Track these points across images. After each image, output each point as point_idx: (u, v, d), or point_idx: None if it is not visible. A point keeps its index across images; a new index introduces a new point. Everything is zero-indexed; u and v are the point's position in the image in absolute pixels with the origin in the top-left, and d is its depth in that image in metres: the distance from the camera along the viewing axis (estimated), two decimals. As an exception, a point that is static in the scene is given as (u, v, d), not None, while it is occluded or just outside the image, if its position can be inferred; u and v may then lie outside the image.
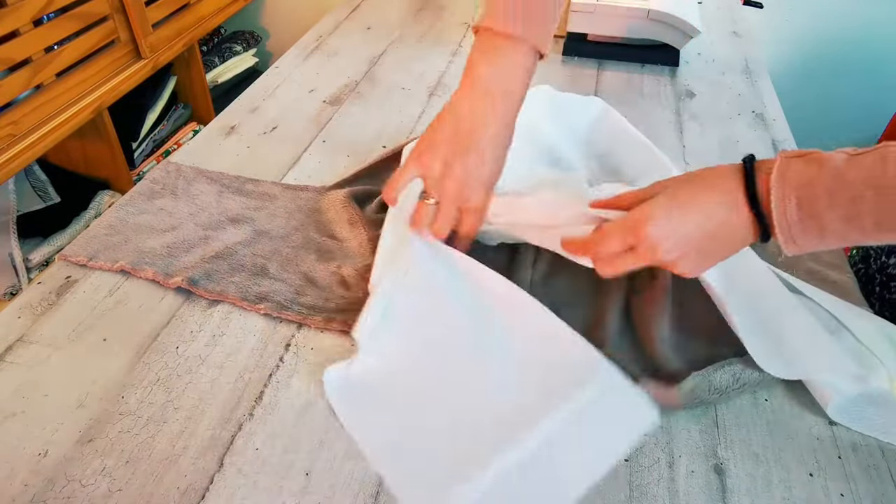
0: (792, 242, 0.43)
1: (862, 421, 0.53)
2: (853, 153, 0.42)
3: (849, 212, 0.40)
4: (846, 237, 0.41)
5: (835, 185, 0.40)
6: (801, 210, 0.42)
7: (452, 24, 1.23)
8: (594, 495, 0.48)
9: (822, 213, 0.41)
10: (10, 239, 1.21)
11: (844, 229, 0.41)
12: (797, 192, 0.42)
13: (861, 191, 0.40)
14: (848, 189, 0.40)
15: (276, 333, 0.60)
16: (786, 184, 0.42)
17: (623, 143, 0.77)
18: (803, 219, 0.42)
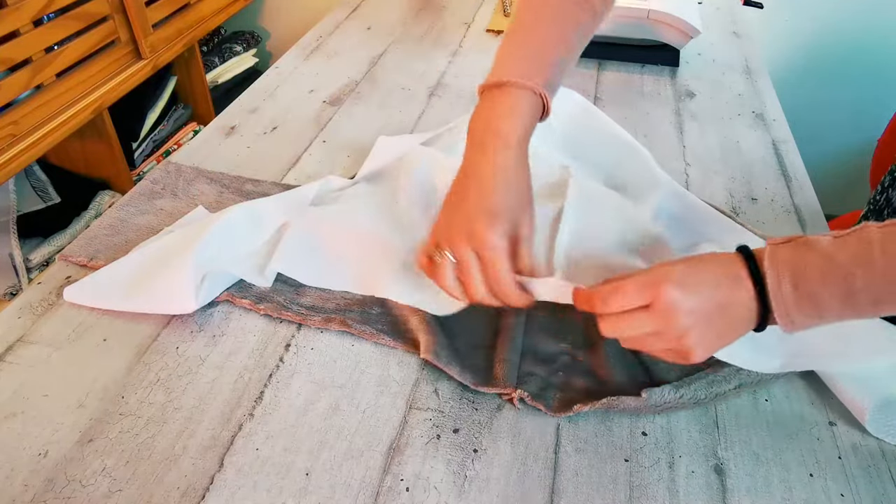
0: (789, 322, 0.44)
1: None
2: (836, 235, 0.44)
3: (843, 290, 0.42)
4: (842, 314, 0.43)
5: (826, 266, 0.42)
6: (796, 290, 0.43)
7: (452, 24, 1.23)
8: (594, 495, 0.48)
9: (817, 291, 0.42)
10: (11, 239, 1.21)
11: (840, 307, 0.42)
12: (791, 274, 0.43)
13: (852, 270, 0.41)
14: (839, 269, 0.42)
15: (276, 333, 0.60)
16: (778, 266, 0.43)
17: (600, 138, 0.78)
18: (799, 298, 0.43)
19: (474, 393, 0.55)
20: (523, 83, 0.54)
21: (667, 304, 0.44)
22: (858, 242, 0.42)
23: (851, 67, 1.67)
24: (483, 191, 0.53)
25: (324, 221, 0.67)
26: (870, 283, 0.41)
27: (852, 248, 0.42)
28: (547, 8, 0.59)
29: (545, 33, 0.57)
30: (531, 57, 0.56)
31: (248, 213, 0.66)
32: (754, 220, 0.76)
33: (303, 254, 0.64)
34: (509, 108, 0.55)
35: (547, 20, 0.58)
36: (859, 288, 0.41)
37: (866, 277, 0.41)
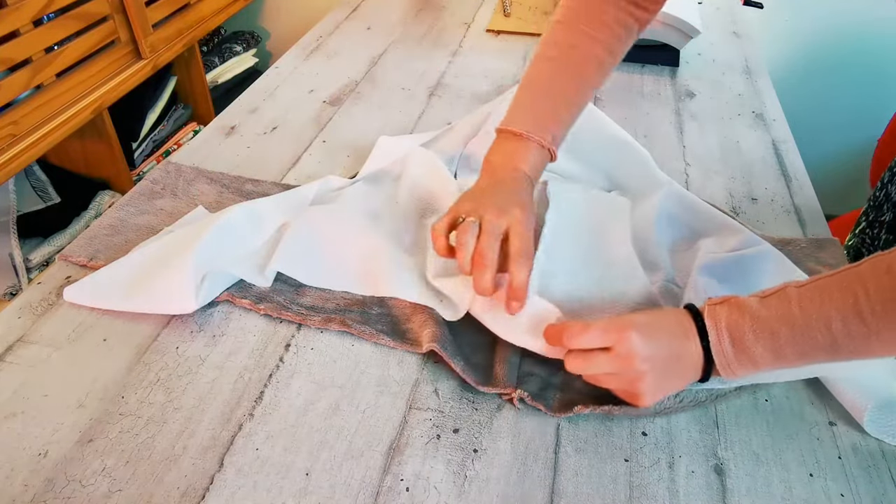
0: (731, 373, 0.49)
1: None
2: (762, 296, 0.48)
3: (772, 345, 0.46)
4: (775, 365, 0.47)
5: (755, 325, 0.47)
6: (734, 346, 0.48)
7: (452, 24, 1.24)
8: (594, 495, 0.48)
9: (751, 347, 0.47)
10: (10, 239, 1.21)
11: (772, 359, 0.47)
12: (728, 332, 0.48)
13: (777, 327, 0.46)
14: (765, 326, 0.47)
15: (276, 333, 0.60)
16: (718, 326, 0.48)
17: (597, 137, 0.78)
18: (737, 353, 0.48)
19: (474, 393, 0.55)
20: (537, 138, 0.62)
21: (627, 348, 0.48)
22: (779, 302, 0.47)
23: (851, 67, 1.67)
24: (512, 192, 0.59)
25: (323, 221, 0.67)
26: (792, 338, 0.46)
27: (774, 308, 0.47)
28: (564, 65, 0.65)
29: (562, 91, 0.64)
30: (546, 114, 0.64)
31: (248, 213, 0.66)
32: (754, 220, 0.76)
33: (303, 253, 0.64)
34: (523, 153, 0.62)
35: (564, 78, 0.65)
36: (784, 342, 0.46)
37: (789, 333, 0.46)
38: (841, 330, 0.44)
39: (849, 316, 0.44)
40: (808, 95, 1.71)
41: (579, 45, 0.64)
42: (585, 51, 0.64)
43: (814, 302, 0.45)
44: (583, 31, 0.64)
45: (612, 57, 0.66)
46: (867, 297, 0.43)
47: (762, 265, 0.63)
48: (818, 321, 0.45)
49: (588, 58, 0.64)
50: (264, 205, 0.68)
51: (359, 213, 0.69)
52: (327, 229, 0.67)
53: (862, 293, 0.44)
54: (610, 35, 0.65)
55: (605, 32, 0.65)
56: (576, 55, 0.64)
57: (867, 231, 0.78)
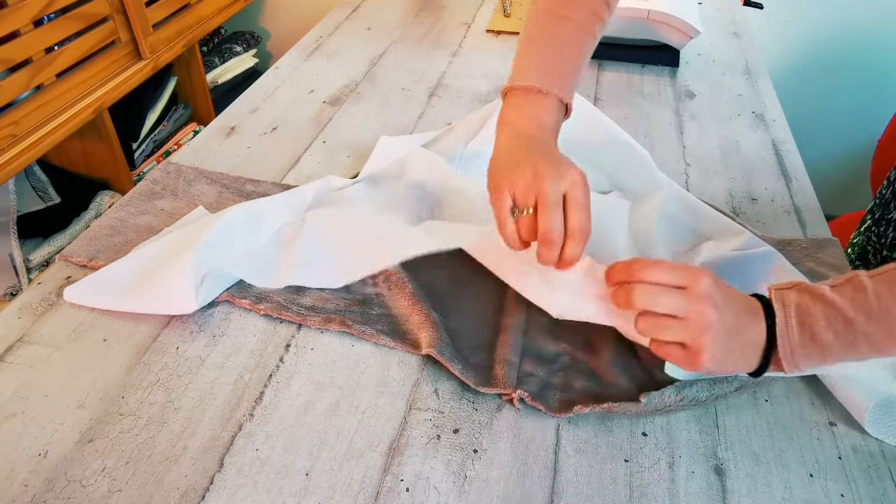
0: (793, 363, 0.46)
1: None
2: (832, 284, 0.46)
3: (846, 333, 0.44)
4: (842, 356, 0.45)
5: (829, 311, 0.45)
6: (802, 333, 0.45)
7: (452, 24, 1.24)
8: (594, 495, 0.48)
9: (821, 334, 0.45)
10: (11, 239, 1.20)
11: (841, 350, 0.45)
12: (798, 316, 0.46)
13: (853, 315, 0.44)
14: (841, 313, 0.45)
15: (276, 333, 0.60)
16: (786, 309, 0.46)
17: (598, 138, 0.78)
18: (804, 340, 0.45)
19: (474, 393, 0.55)
20: (549, 90, 0.58)
21: (702, 291, 0.46)
22: (854, 289, 0.45)
23: (851, 68, 1.67)
24: (551, 149, 0.55)
25: (331, 227, 0.67)
26: (868, 327, 0.44)
27: (850, 295, 0.45)
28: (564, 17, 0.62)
29: (566, 41, 0.61)
30: (555, 65, 0.60)
31: (248, 214, 0.66)
32: (754, 220, 0.76)
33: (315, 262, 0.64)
34: (540, 109, 0.58)
35: (566, 28, 0.62)
36: (860, 332, 0.44)
37: (866, 322, 0.44)
38: None
39: None
40: (808, 96, 1.71)
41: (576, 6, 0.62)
42: (589, 7, 0.62)
43: (893, 291, 0.44)
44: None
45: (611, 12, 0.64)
46: None
47: (762, 265, 0.63)
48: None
49: (592, 15, 0.62)
50: (264, 205, 0.68)
51: (359, 218, 0.69)
52: (335, 232, 0.67)
53: None
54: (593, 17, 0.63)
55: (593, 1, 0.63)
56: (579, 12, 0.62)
57: (873, 229, 0.78)
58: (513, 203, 0.53)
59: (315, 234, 0.66)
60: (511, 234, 0.53)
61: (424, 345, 0.56)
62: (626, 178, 0.76)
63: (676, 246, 0.69)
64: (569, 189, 0.51)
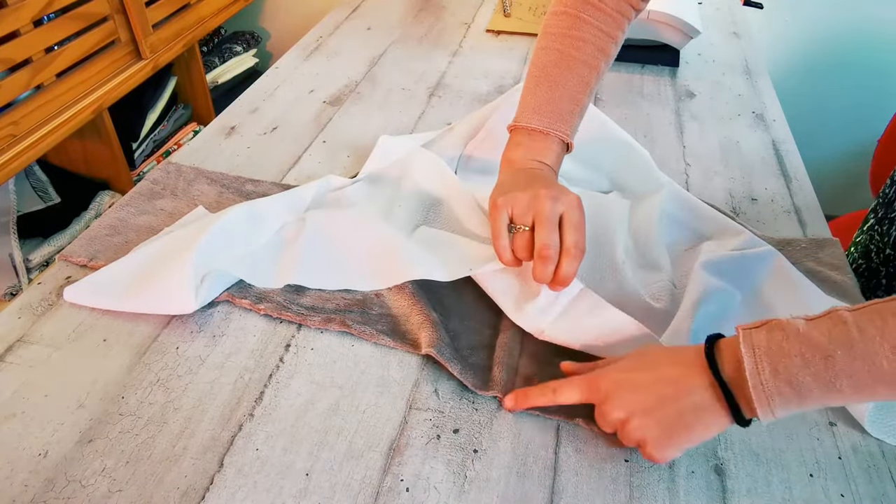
0: (769, 411, 0.42)
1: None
2: (808, 318, 0.42)
3: (825, 373, 0.40)
4: (824, 399, 0.41)
5: (804, 348, 0.40)
6: (776, 377, 0.41)
7: (452, 24, 1.24)
8: (594, 495, 0.48)
9: (798, 376, 0.40)
10: (11, 239, 1.21)
11: (822, 391, 0.40)
12: (769, 359, 0.41)
13: (831, 350, 0.40)
14: (818, 350, 0.40)
15: (276, 333, 0.60)
16: (755, 353, 0.42)
17: (598, 138, 0.78)
18: (780, 384, 0.41)
19: (474, 393, 0.55)
20: (554, 133, 0.62)
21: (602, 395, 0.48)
22: (833, 324, 0.41)
23: (851, 68, 1.67)
24: (550, 178, 0.60)
25: (332, 227, 0.67)
26: (850, 363, 0.39)
27: (827, 330, 0.40)
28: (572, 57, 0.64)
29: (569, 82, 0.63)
30: (557, 107, 0.63)
31: (248, 213, 0.66)
32: (754, 220, 0.75)
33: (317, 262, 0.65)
34: (542, 148, 0.62)
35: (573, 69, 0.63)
36: (840, 370, 0.40)
37: (846, 358, 0.39)
38: None
39: None
40: (808, 96, 1.71)
41: (587, 37, 0.63)
42: (594, 43, 0.64)
43: (874, 324, 0.39)
44: (588, 22, 0.63)
45: (616, 47, 0.66)
46: None
47: (762, 265, 0.63)
48: (882, 345, 0.38)
49: (597, 50, 0.64)
50: (264, 205, 0.68)
51: (365, 216, 0.69)
52: (337, 234, 0.67)
53: None
54: (613, 24, 0.64)
55: (608, 22, 0.64)
56: (586, 48, 0.63)
57: (876, 228, 0.78)
58: (510, 220, 0.57)
59: (315, 235, 0.66)
60: (504, 248, 0.56)
61: (424, 345, 0.56)
62: (626, 178, 0.76)
63: (676, 246, 0.69)
64: (566, 210, 0.55)
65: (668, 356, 0.48)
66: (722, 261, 0.63)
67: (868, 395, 0.40)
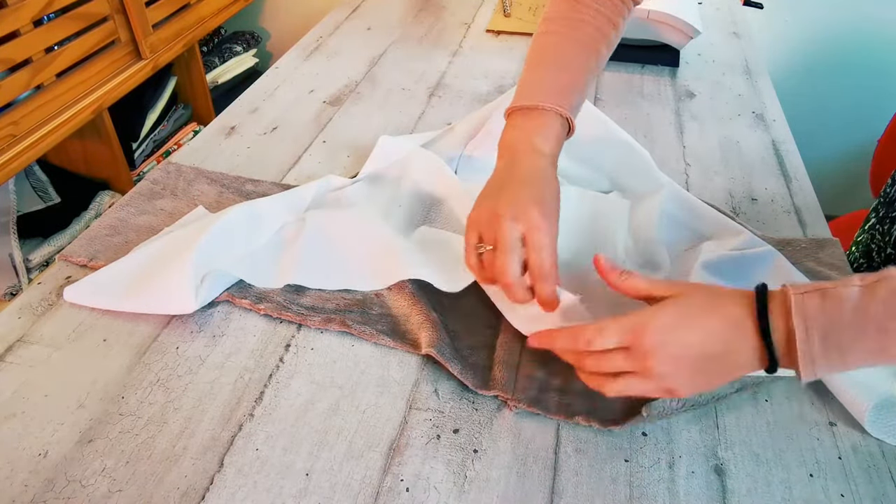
0: (812, 374, 0.42)
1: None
2: (862, 283, 0.41)
3: (875, 343, 0.40)
4: (873, 363, 0.41)
5: (859, 321, 0.40)
6: (826, 347, 0.41)
7: (452, 24, 1.24)
8: (594, 495, 0.48)
9: (848, 346, 0.41)
10: (11, 239, 1.20)
11: (868, 358, 0.41)
12: (822, 331, 0.41)
13: (886, 324, 0.40)
14: (872, 323, 0.40)
15: (276, 333, 0.60)
16: (809, 323, 0.42)
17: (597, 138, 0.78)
18: (828, 352, 0.41)
19: (474, 393, 0.55)
20: (551, 107, 0.57)
21: (645, 349, 0.44)
22: (889, 293, 0.40)
23: (851, 68, 1.67)
24: (526, 183, 0.55)
25: (332, 227, 0.67)
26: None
27: (883, 299, 0.40)
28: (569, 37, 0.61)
29: (569, 62, 0.60)
30: (557, 84, 0.59)
31: (248, 213, 0.66)
32: (754, 220, 0.75)
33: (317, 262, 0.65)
34: (540, 126, 0.57)
35: (570, 49, 0.61)
36: (892, 341, 0.40)
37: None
38: None
39: None
40: (808, 96, 1.71)
41: (586, 18, 0.61)
42: (593, 24, 0.62)
43: None
44: (586, 4, 0.62)
45: (616, 32, 0.63)
46: None
47: (762, 265, 0.63)
48: None
49: (596, 30, 0.62)
50: (264, 205, 0.68)
51: (364, 216, 0.69)
52: (337, 234, 0.67)
53: None
54: (613, 9, 0.63)
55: (608, 6, 0.62)
56: (585, 28, 0.61)
57: (877, 227, 0.78)
58: (479, 239, 0.54)
59: (315, 235, 0.66)
60: (473, 266, 0.55)
61: (424, 344, 0.56)
62: (626, 178, 0.76)
63: (676, 246, 0.69)
64: (527, 231, 0.52)
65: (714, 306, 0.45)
66: (721, 261, 0.63)
67: None
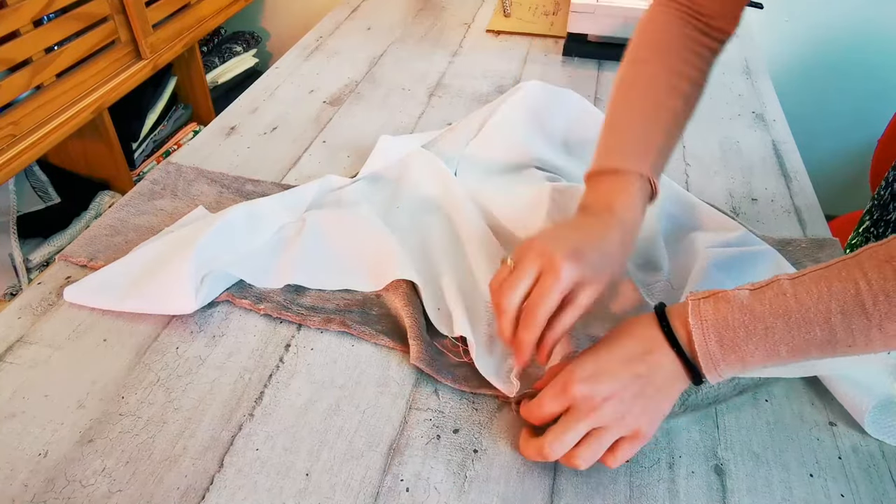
0: (717, 375, 0.46)
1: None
2: (752, 288, 0.45)
3: (765, 342, 0.44)
4: (765, 362, 0.45)
5: (747, 320, 0.44)
6: (722, 346, 0.45)
7: (452, 24, 1.24)
8: (594, 495, 0.48)
9: (741, 345, 0.44)
10: (11, 239, 1.21)
11: (763, 357, 0.44)
12: (715, 330, 0.45)
13: (771, 322, 0.43)
14: (759, 321, 0.44)
15: (276, 333, 0.60)
16: (703, 324, 0.45)
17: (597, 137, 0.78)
18: (725, 353, 0.45)
19: (474, 393, 0.55)
20: (632, 168, 0.56)
21: (582, 396, 0.46)
22: (774, 294, 0.44)
23: (851, 68, 1.67)
24: (580, 234, 0.53)
25: (328, 228, 0.67)
26: (787, 333, 0.43)
27: (768, 301, 0.44)
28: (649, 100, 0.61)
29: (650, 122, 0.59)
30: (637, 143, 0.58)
31: (248, 213, 0.66)
32: (754, 220, 0.75)
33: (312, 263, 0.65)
34: (619, 192, 0.56)
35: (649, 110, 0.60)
36: (779, 339, 0.43)
37: (784, 328, 0.43)
38: (840, 323, 0.42)
39: (849, 307, 0.41)
40: (808, 96, 1.71)
41: (659, 77, 0.61)
42: (666, 83, 0.61)
43: (811, 294, 0.43)
44: (659, 65, 0.61)
45: (693, 86, 0.62)
46: (869, 287, 0.41)
47: (761, 265, 0.63)
48: (816, 314, 0.42)
49: (671, 89, 0.61)
50: (264, 205, 0.68)
51: (364, 216, 0.69)
52: (337, 234, 0.67)
53: (864, 283, 0.41)
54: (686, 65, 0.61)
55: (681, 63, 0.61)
56: (658, 87, 0.61)
57: (871, 230, 0.78)
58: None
59: (315, 235, 0.66)
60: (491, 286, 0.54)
61: (412, 356, 0.56)
62: None
63: (669, 236, 0.69)
64: (542, 271, 0.50)
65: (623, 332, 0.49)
66: (721, 260, 0.63)
67: (802, 357, 0.44)
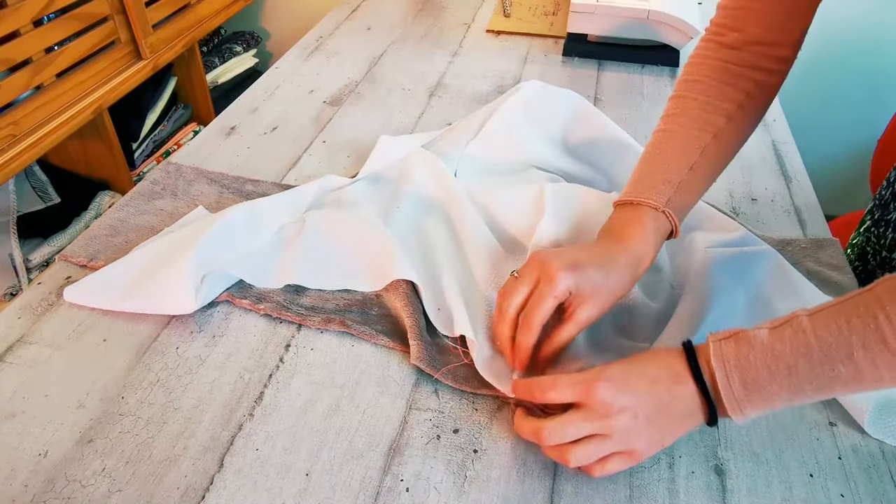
0: (741, 415, 0.45)
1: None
2: (771, 326, 0.45)
3: (789, 381, 0.43)
4: (792, 402, 0.44)
5: (769, 360, 0.44)
6: (745, 387, 0.44)
7: (452, 24, 1.24)
8: (594, 495, 0.48)
9: (765, 386, 0.44)
10: (11, 239, 1.21)
11: (788, 396, 0.44)
12: (739, 372, 0.44)
13: (793, 361, 0.43)
14: (781, 361, 0.43)
15: (276, 333, 0.60)
16: (725, 366, 0.45)
17: (597, 138, 0.78)
18: (749, 394, 0.44)
19: (474, 393, 0.55)
20: (647, 201, 0.57)
21: (598, 400, 0.46)
22: (794, 332, 0.43)
23: (851, 68, 1.67)
24: (584, 252, 0.55)
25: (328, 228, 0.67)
26: (810, 371, 0.42)
27: (789, 339, 0.43)
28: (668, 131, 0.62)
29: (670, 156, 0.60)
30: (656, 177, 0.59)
31: (248, 213, 0.66)
32: (754, 220, 0.75)
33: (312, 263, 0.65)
34: (633, 220, 0.58)
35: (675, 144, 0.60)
36: (803, 378, 0.43)
37: (806, 367, 0.42)
38: (864, 358, 0.41)
39: (871, 342, 0.40)
40: (808, 96, 1.71)
41: (691, 113, 0.61)
42: (698, 118, 0.61)
43: (830, 330, 0.42)
44: (697, 100, 0.61)
45: (730, 121, 0.61)
46: (888, 321, 0.40)
47: (762, 265, 0.63)
48: (838, 351, 0.41)
49: (703, 124, 0.60)
50: (264, 205, 0.68)
51: (364, 216, 0.69)
52: (337, 235, 0.67)
53: (883, 317, 0.40)
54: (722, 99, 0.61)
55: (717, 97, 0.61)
56: (686, 122, 0.61)
57: (872, 230, 0.78)
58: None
59: (315, 235, 0.66)
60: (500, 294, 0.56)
61: (412, 356, 0.56)
62: (625, 178, 0.76)
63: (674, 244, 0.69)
64: (541, 280, 0.53)
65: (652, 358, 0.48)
66: (721, 260, 0.63)
67: (828, 394, 0.43)
